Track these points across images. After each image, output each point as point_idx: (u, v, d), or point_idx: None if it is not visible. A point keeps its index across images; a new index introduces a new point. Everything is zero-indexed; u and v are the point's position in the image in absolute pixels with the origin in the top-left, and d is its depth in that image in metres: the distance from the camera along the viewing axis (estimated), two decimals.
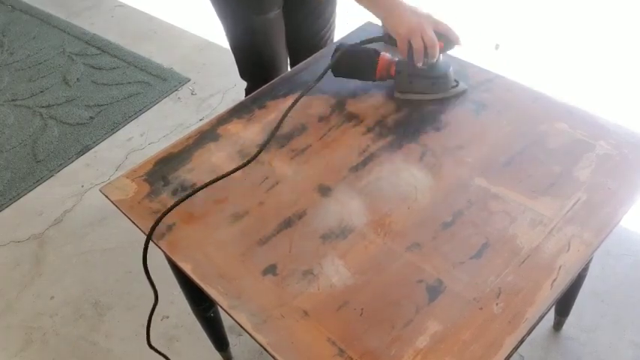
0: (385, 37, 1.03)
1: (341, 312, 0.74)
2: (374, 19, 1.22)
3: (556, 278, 0.75)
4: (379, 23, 1.12)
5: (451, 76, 1.04)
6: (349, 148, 0.97)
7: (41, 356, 1.47)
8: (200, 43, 2.57)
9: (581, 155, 0.91)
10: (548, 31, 2.39)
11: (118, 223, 1.78)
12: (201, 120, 2.15)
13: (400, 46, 0.99)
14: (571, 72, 2.15)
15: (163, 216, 0.87)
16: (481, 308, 0.72)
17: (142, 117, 2.20)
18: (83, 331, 1.52)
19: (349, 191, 0.90)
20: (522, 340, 0.70)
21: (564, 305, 1.30)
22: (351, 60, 1.05)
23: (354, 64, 1.06)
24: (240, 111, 1.08)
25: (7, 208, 1.89)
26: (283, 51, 1.38)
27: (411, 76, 1.03)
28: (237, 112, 1.08)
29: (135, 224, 0.89)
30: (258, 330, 0.73)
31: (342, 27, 1.38)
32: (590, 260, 1.04)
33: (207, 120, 1.07)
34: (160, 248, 0.85)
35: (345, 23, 1.45)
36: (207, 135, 1.04)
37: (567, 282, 0.75)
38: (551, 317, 1.36)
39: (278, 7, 1.28)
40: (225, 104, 2.19)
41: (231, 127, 1.04)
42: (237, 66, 1.44)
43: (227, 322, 1.30)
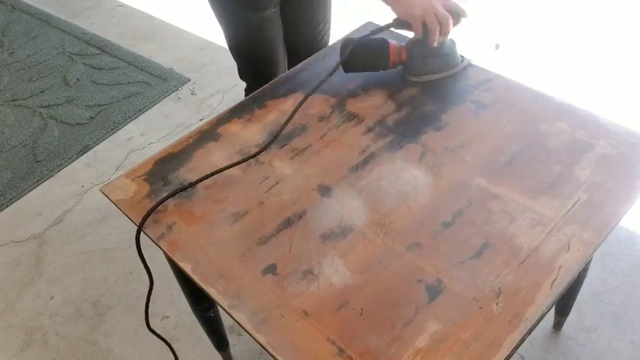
0: (395, 22, 1.05)
1: (341, 312, 0.74)
2: (374, 19, 1.23)
3: (556, 278, 0.75)
4: (379, 23, 1.12)
5: (457, 51, 1.08)
6: (349, 147, 0.97)
7: (41, 356, 1.47)
8: (200, 43, 2.57)
9: (581, 155, 0.91)
10: (548, 31, 2.39)
11: (118, 223, 1.78)
12: (201, 120, 2.15)
13: (415, 28, 1.02)
14: (571, 72, 2.15)
15: (161, 202, 0.88)
16: (481, 308, 0.72)
17: (142, 117, 2.20)
18: (83, 331, 1.52)
19: (349, 191, 0.90)
20: (522, 340, 0.70)
21: (564, 305, 1.30)
22: (363, 52, 1.07)
23: (366, 55, 1.07)
24: (240, 111, 1.08)
25: (7, 208, 1.89)
26: (281, 49, 1.39)
27: (424, 57, 1.06)
28: (237, 112, 1.08)
29: (135, 224, 0.89)
30: (258, 330, 0.73)
31: (342, 27, 1.38)
32: (590, 260, 1.04)
33: (207, 120, 1.07)
34: (161, 248, 0.85)
35: (345, 23, 1.45)
36: (207, 135, 1.04)
37: (567, 282, 0.75)
38: (551, 317, 1.36)
39: (274, 5, 1.28)
40: (225, 104, 2.19)
41: (231, 127, 1.04)
42: (236, 66, 1.44)
43: (227, 321, 1.30)
